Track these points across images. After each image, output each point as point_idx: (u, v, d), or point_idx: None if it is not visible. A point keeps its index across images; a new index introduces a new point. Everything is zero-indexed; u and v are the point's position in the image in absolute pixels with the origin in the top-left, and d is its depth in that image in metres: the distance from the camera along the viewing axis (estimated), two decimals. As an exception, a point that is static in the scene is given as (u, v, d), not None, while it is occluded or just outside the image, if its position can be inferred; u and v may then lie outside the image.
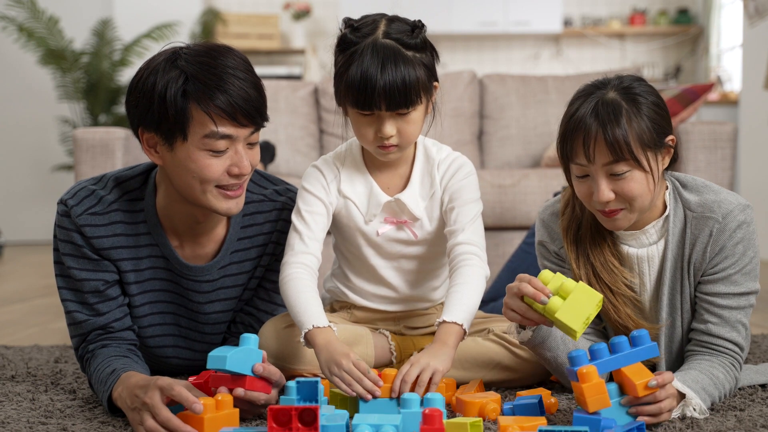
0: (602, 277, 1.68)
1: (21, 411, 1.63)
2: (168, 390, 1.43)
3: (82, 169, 2.98)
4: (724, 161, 3.05)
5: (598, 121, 1.55)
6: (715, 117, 6.13)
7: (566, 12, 7.02)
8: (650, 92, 1.62)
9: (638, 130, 1.56)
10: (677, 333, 1.71)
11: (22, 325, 2.94)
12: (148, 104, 1.58)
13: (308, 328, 1.62)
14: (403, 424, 1.38)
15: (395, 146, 1.73)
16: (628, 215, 1.62)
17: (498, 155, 3.71)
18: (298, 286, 1.69)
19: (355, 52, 1.67)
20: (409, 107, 1.67)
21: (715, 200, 1.65)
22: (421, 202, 1.81)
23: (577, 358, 1.44)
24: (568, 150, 1.60)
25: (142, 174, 1.76)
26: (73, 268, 1.70)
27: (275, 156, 3.52)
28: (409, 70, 1.65)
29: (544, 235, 1.78)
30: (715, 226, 1.63)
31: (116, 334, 1.73)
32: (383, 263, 1.85)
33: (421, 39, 1.70)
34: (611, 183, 1.58)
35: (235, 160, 1.62)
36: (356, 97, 1.66)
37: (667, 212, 1.67)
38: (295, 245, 1.76)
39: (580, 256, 1.70)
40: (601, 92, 1.59)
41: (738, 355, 1.64)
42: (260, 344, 1.79)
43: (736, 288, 1.64)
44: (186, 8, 6.50)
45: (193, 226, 1.75)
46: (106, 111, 6.14)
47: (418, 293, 1.89)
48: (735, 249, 1.63)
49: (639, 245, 1.70)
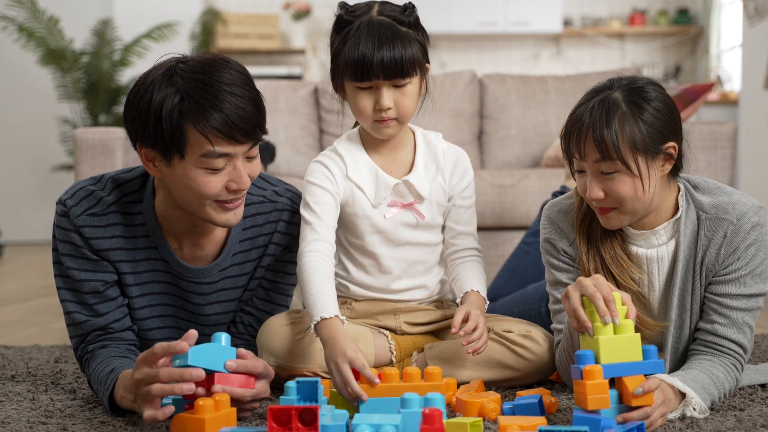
0: (611, 270, 1.68)
1: (21, 411, 1.63)
2: (150, 356, 1.44)
3: (82, 169, 2.98)
4: (724, 161, 3.05)
5: (591, 119, 1.58)
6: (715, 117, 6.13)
7: (566, 12, 7.02)
8: (659, 98, 1.61)
9: (630, 132, 1.57)
10: (685, 334, 1.70)
11: (22, 325, 2.94)
12: (145, 121, 1.57)
13: (316, 320, 1.65)
14: (403, 424, 1.38)
15: (393, 119, 1.78)
16: (620, 215, 1.62)
17: (498, 155, 3.71)
18: (312, 276, 1.72)
19: (350, 29, 1.75)
20: (405, 77, 1.75)
21: (729, 201, 1.65)
22: (426, 184, 1.87)
23: (584, 356, 1.44)
24: (567, 144, 1.63)
25: (140, 177, 1.75)
26: (72, 268, 1.70)
27: (275, 156, 3.52)
28: (404, 42, 1.74)
29: (551, 233, 1.77)
30: (730, 227, 1.63)
31: (116, 334, 1.73)
32: (387, 251, 1.87)
33: (414, 18, 1.79)
34: (601, 181, 1.60)
35: (234, 176, 1.61)
36: (354, 69, 1.73)
37: (679, 214, 1.67)
38: (307, 235, 1.79)
39: (590, 248, 1.71)
40: (609, 91, 1.61)
41: (741, 356, 1.64)
42: (260, 343, 1.79)
43: (746, 289, 1.64)
44: (186, 8, 6.50)
45: (192, 229, 1.74)
46: (106, 111, 6.14)
47: (417, 283, 1.91)
48: (748, 251, 1.63)
49: (648, 245, 1.70)
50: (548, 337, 1.82)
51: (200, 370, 1.42)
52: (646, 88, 1.61)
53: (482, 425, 1.42)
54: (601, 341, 1.44)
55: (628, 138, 1.56)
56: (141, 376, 1.45)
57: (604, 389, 1.41)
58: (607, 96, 1.59)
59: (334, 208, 1.83)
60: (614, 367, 1.44)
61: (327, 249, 1.78)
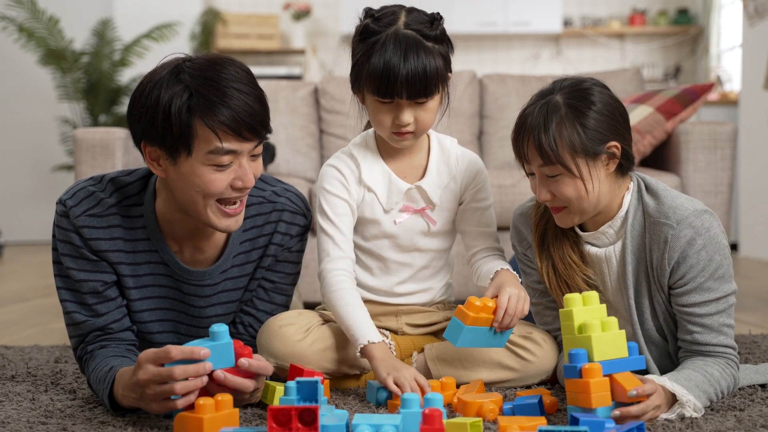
0: (558, 270, 1.72)
1: (21, 411, 1.63)
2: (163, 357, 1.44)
3: (82, 170, 2.97)
4: (724, 161, 3.05)
5: (530, 123, 1.61)
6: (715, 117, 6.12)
7: (566, 12, 7.01)
8: (601, 99, 1.62)
9: (569, 136, 1.59)
10: (651, 335, 1.71)
11: (22, 325, 2.94)
12: (152, 119, 1.57)
13: (364, 343, 1.69)
14: (403, 424, 1.38)
15: (411, 133, 1.77)
16: (570, 214, 1.66)
17: (498, 155, 3.71)
18: (346, 298, 1.75)
19: (377, 41, 1.72)
20: (428, 96, 1.73)
21: (670, 206, 1.64)
22: (438, 191, 1.86)
23: (578, 355, 1.44)
24: (515, 148, 1.67)
25: (141, 179, 1.75)
26: (71, 268, 1.70)
27: (275, 156, 3.52)
28: (429, 60, 1.71)
29: (513, 237, 1.84)
30: (669, 231, 1.62)
31: (115, 335, 1.73)
32: (395, 256, 1.87)
33: (440, 31, 1.76)
34: (547, 184, 1.64)
35: (239, 173, 1.62)
36: (378, 86, 1.71)
37: (622, 211, 1.68)
38: (331, 251, 1.80)
39: (543, 250, 1.74)
40: (551, 95, 1.63)
41: (731, 355, 1.64)
42: (260, 343, 1.79)
43: (711, 294, 1.63)
44: (186, 8, 6.50)
45: (193, 232, 1.74)
46: (106, 111, 6.14)
47: (422, 287, 1.91)
48: (699, 257, 1.61)
49: (601, 244, 1.72)
50: (548, 338, 1.82)
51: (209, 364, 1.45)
52: (589, 89, 1.62)
53: (482, 425, 1.42)
54: (593, 338, 1.45)
55: (566, 142, 1.59)
56: (148, 376, 1.45)
57: (606, 387, 1.41)
58: (548, 100, 1.62)
59: (352, 218, 1.85)
60: (605, 364, 1.45)
61: (350, 267, 1.82)
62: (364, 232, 1.87)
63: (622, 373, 1.45)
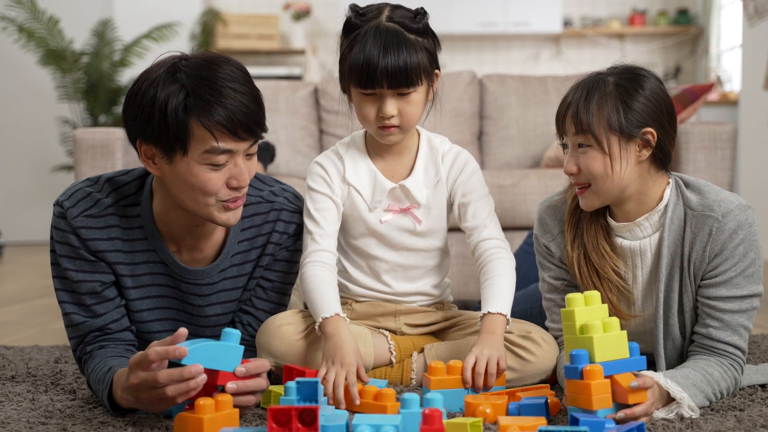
0: (591, 259, 1.71)
1: (21, 411, 1.63)
2: (145, 361, 1.43)
3: (82, 170, 2.97)
4: (724, 161, 3.05)
5: (574, 95, 1.65)
6: (715, 117, 6.13)
7: (566, 12, 7.02)
8: (652, 88, 1.64)
9: (608, 111, 1.61)
10: (672, 332, 1.70)
11: (22, 325, 2.94)
12: (148, 118, 1.57)
13: (318, 321, 1.69)
14: (403, 424, 1.38)
15: (396, 127, 1.77)
16: (593, 195, 1.66)
17: (498, 156, 3.71)
18: (313, 283, 1.75)
19: (358, 34, 1.74)
20: (410, 87, 1.73)
21: (715, 199, 1.65)
22: (424, 190, 1.86)
23: (579, 356, 1.44)
24: (556, 120, 1.70)
25: (137, 179, 1.75)
26: (69, 269, 1.70)
27: (275, 156, 3.52)
28: (411, 50, 1.72)
29: (537, 229, 1.83)
30: (714, 224, 1.63)
31: (114, 335, 1.73)
32: (384, 254, 1.87)
33: (423, 24, 1.76)
34: (576, 156, 1.65)
35: (235, 173, 1.62)
36: (359, 76, 1.72)
37: (662, 204, 1.68)
38: (309, 245, 1.81)
39: (576, 237, 1.74)
40: (604, 74, 1.67)
41: (738, 357, 1.64)
42: (259, 343, 1.79)
43: (738, 291, 1.63)
44: (186, 9, 6.50)
45: (191, 230, 1.74)
46: (106, 111, 6.14)
47: (417, 288, 1.90)
48: (735, 251, 1.62)
49: (633, 237, 1.71)
50: (548, 338, 1.81)
51: (198, 366, 1.41)
52: (644, 76, 1.66)
53: (482, 425, 1.42)
54: (595, 339, 1.45)
55: (604, 116, 1.61)
56: (138, 381, 1.44)
57: (607, 389, 1.41)
58: (599, 77, 1.66)
59: (335, 212, 1.84)
60: (607, 365, 1.44)
61: (328, 258, 1.80)
62: (351, 230, 1.88)
63: (623, 374, 1.45)
